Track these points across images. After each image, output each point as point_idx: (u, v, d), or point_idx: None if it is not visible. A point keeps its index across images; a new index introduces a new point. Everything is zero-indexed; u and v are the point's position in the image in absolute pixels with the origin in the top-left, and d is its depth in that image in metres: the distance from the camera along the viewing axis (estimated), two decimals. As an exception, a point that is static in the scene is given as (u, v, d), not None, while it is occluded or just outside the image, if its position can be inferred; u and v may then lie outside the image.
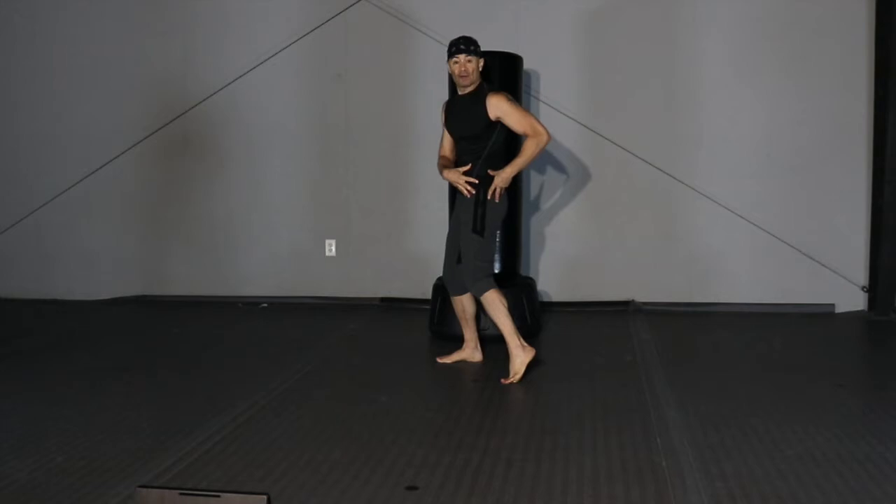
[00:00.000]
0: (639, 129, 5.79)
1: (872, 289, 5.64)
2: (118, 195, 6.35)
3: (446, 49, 4.11)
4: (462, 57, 4.04)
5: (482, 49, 4.15)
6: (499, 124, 4.07)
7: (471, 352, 4.38)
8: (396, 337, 5.17)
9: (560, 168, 5.84)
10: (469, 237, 4.08)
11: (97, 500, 2.57)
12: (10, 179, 6.48)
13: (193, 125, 6.22)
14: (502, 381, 3.95)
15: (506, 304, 4.08)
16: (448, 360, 4.37)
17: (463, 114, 4.11)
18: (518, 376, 3.96)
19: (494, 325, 4.12)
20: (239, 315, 5.89)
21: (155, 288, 6.40)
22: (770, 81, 5.66)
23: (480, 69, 4.14)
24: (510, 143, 4.23)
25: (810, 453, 2.94)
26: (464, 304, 4.31)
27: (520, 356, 4.01)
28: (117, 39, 6.25)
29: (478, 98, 4.07)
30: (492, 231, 4.12)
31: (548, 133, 4.00)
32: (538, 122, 4.03)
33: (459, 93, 4.20)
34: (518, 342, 4.02)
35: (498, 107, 4.02)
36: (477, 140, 4.08)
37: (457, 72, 4.07)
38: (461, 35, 4.13)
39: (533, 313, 5.00)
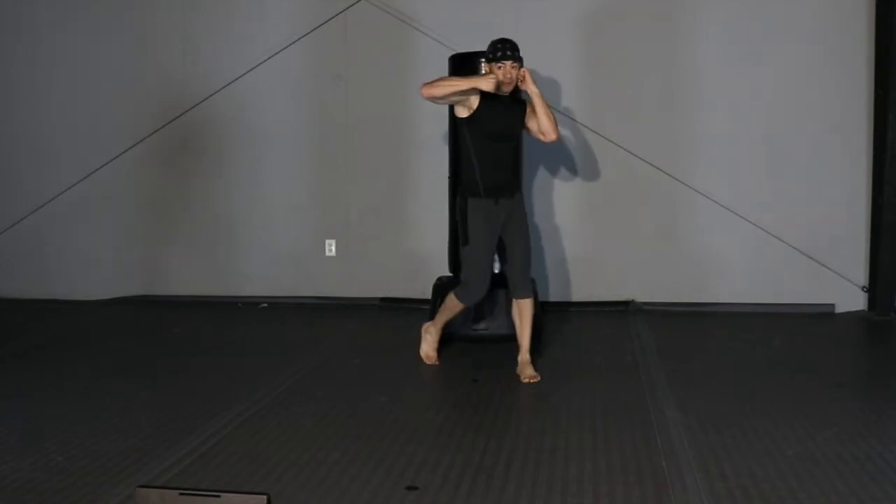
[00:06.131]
0: (639, 129, 5.79)
1: (872, 289, 5.64)
2: (118, 195, 6.34)
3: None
4: (508, 64, 4.00)
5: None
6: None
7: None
8: (396, 337, 5.17)
9: (565, 166, 5.85)
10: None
11: (97, 500, 2.57)
12: (9, 180, 6.47)
13: (193, 125, 6.20)
14: (526, 380, 4.00)
15: None
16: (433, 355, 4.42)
17: (507, 114, 4.10)
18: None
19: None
20: (239, 315, 5.88)
21: (155, 288, 6.39)
22: (770, 81, 5.65)
23: None
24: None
25: (810, 453, 2.94)
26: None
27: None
28: (117, 40, 6.23)
29: (517, 100, 4.14)
30: None
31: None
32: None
33: (496, 93, 4.08)
34: None
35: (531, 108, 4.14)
36: (514, 140, 4.27)
37: (502, 77, 3.99)
38: (503, 38, 4.07)
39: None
